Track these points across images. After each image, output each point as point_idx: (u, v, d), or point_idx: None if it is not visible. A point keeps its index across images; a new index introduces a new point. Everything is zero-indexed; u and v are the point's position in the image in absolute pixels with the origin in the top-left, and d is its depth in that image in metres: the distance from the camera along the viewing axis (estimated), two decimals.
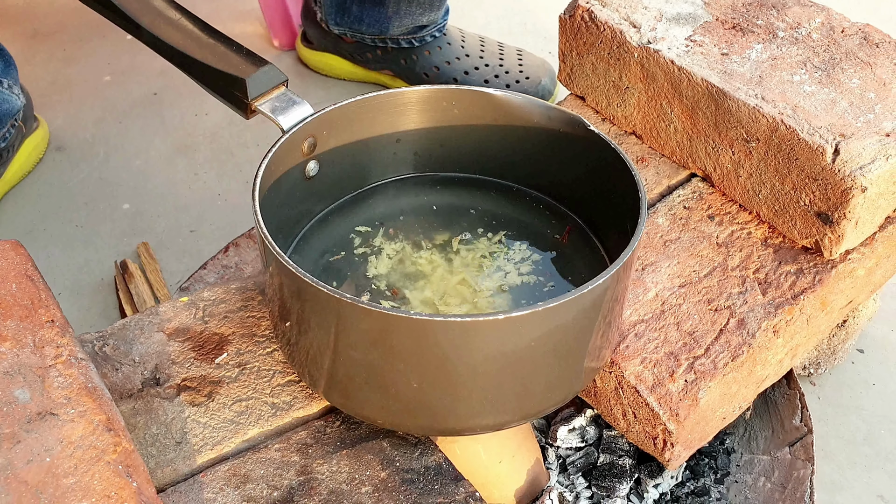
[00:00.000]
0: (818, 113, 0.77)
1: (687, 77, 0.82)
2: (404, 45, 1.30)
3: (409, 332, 0.57)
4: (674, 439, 0.73)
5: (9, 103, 1.05)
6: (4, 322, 0.56)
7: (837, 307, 0.84)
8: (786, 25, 0.86)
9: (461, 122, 0.78)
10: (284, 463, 0.65)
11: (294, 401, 0.70)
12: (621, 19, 0.88)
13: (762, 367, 0.78)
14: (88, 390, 0.53)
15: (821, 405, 0.97)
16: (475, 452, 0.76)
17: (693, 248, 0.82)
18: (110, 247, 1.14)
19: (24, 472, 0.48)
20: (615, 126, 0.94)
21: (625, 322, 0.76)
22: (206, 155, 1.28)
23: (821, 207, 0.77)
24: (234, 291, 0.78)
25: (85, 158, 1.27)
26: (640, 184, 0.66)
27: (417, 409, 0.63)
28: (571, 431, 0.86)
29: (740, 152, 0.81)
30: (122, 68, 1.43)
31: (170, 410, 0.68)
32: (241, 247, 1.01)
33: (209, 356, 0.72)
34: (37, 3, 1.57)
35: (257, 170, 0.66)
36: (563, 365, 0.65)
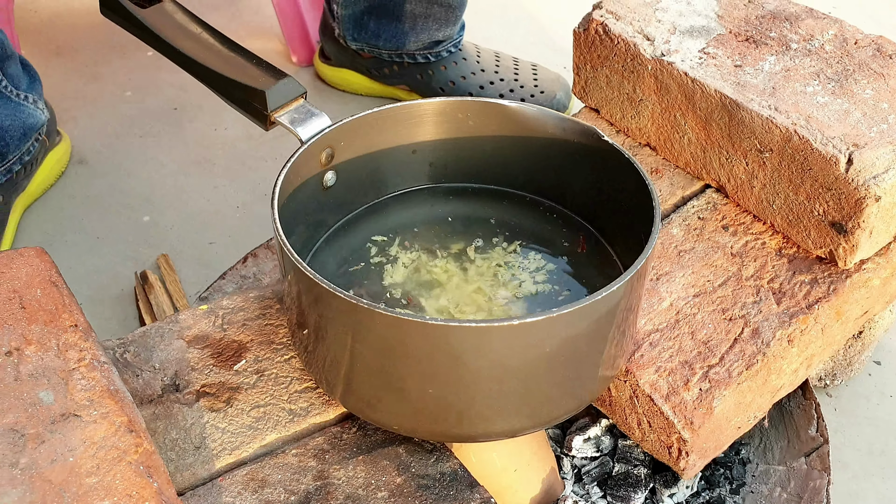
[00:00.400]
0: (831, 123, 0.78)
1: (700, 88, 0.83)
2: (420, 59, 1.32)
3: (424, 337, 0.58)
4: (688, 448, 0.74)
5: (34, 118, 1.08)
6: (29, 326, 0.58)
7: (853, 317, 0.84)
8: (799, 38, 0.87)
9: (476, 134, 0.79)
10: (302, 468, 0.66)
11: (311, 407, 0.71)
12: (635, 32, 0.89)
13: (777, 376, 0.78)
14: (111, 393, 0.55)
15: (837, 416, 0.97)
16: (490, 460, 0.76)
17: (707, 258, 0.83)
18: (130, 258, 1.15)
19: (49, 471, 0.49)
20: (629, 138, 0.94)
21: (639, 331, 0.77)
22: (225, 168, 1.30)
23: (835, 217, 0.77)
24: (252, 300, 0.79)
25: (106, 172, 1.29)
26: (653, 192, 0.67)
27: (432, 414, 0.64)
28: (586, 441, 0.86)
29: (754, 163, 0.82)
30: (142, 84, 1.46)
31: (189, 416, 0.69)
32: (260, 257, 1.02)
33: (228, 363, 0.73)
34: (60, 19, 1.60)
35: (276, 179, 0.67)
36: (577, 372, 0.65)
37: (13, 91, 1.05)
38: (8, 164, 1.08)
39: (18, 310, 0.58)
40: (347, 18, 1.31)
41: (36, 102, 1.10)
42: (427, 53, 1.31)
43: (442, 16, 1.27)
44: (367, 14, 1.29)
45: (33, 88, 1.10)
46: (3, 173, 1.09)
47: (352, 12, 1.29)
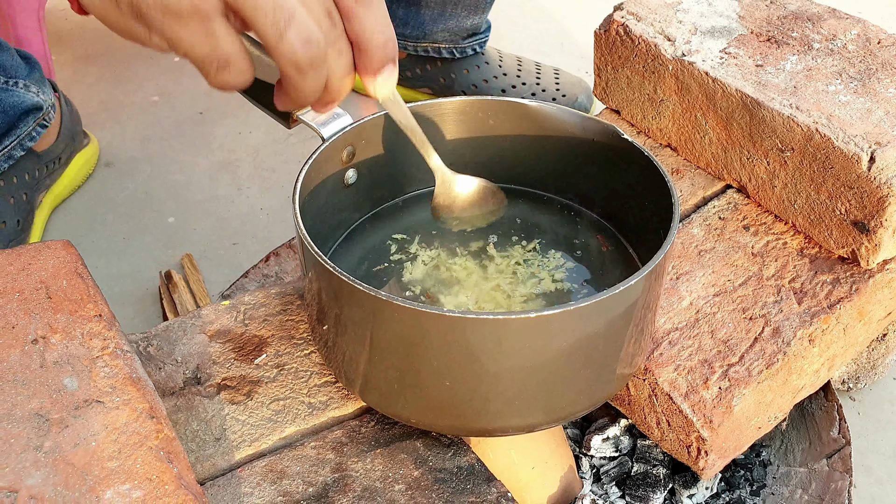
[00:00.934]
0: (853, 122, 0.77)
1: (721, 88, 0.83)
2: (445, 54, 1.32)
3: (441, 330, 0.59)
4: (708, 447, 0.73)
5: (17, 97, 1.09)
6: (55, 315, 0.59)
7: (875, 318, 0.83)
8: (821, 37, 0.87)
9: (496, 133, 0.80)
10: (320, 460, 0.67)
11: (330, 401, 0.71)
12: (656, 33, 0.89)
13: (798, 376, 0.78)
14: (133, 380, 0.55)
15: (860, 420, 0.96)
16: (508, 457, 0.76)
17: (728, 257, 0.82)
18: (155, 258, 1.17)
19: (72, 454, 0.50)
20: (650, 139, 0.94)
21: (659, 330, 0.77)
22: (249, 171, 1.31)
23: (857, 216, 0.77)
24: (273, 296, 0.80)
25: (132, 174, 1.31)
26: (672, 189, 0.67)
27: (449, 408, 0.64)
28: (605, 441, 0.86)
29: (775, 162, 0.82)
30: (169, 89, 1.48)
31: (210, 408, 0.69)
32: (282, 256, 1.03)
33: (249, 357, 0.74)
34: (88, 26, 1.63)
35: (298, 175, 0.68)
36: (595, 368, 0.65)
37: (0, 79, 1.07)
38: (7, 148, 1.10)
39: (45, 299, 0.60)
40: None
41: (28, 87, 1.11)
42: (452, 48, 1.31)
43: (471, 2, 1.28)
44: (396, 2, 1.29)
45: (30, 76, 1.12)
46: (4, 158, 1.10)
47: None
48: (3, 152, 1.09)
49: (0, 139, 1.08)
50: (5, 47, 1.08)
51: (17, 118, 1.10)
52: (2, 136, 1.09)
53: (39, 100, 1.12)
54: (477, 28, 1.31)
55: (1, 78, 1.07)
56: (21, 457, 0.50)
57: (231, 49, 0.51)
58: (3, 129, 1.08)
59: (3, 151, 1.09)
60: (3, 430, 0.51)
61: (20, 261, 0.63)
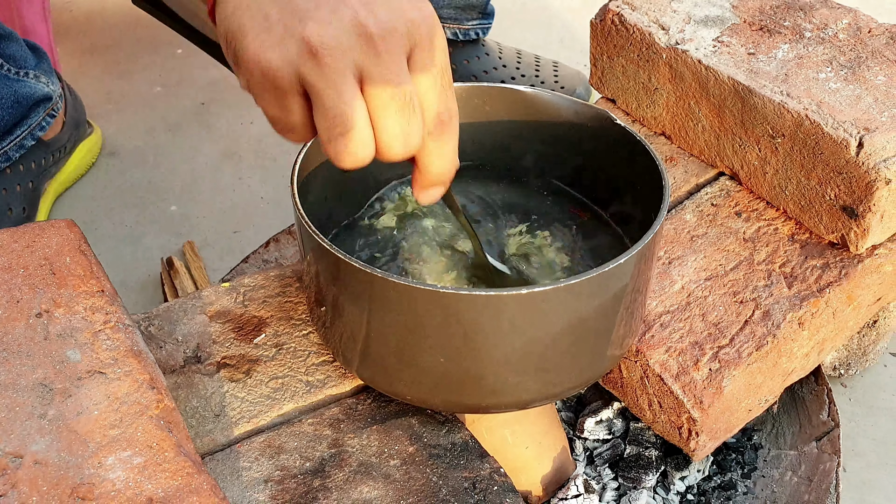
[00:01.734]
0: (843, 108, 0.78)
1: (714, 76, 0.84)
2: (449, 35, 1.32)
3: (435, 306, 0.60)
4: (698, 428, 0.75)
5: (28, 87, 1.11)
6: (59, 290, 0.60)
7: (865, 303, 0.84)
8: (813, 26, 0.88)
9: (493, 118, 0.81)
10: (317, 436, 0.68)
11: (328, 379, 0.73)
12: (650, 22, 0.90)
13: (788, 359, 0.79)
14: (134, 353, 0.57)
15: (851, 406, 0.97)
16: (502, 437, 0.78)
17: (720, 242, 0.84)
18: (157, 246, 1.19)
19: (75, 422, 0.52)
20: (645, 127, 0.96)
21: (651, 313, 0.78)
22: (251, 161, 1.33)
23: (846, 201, 0.78)
24: (273, 278, 0.81)
25: (136, 163, 1.33)
26: (662, 170, 0.68)
27: (444, 384, 0.65)
28: (598, 423, 0.87)
29: (766, 149, 0.83)
30: (172, 80, 1.50)
31: (210, 385, 0.71)
32: (281, 242, 1.04)
33: (248, 337, 0.75)
34: (94, 20, 1.65)
35: (296, 157, 0.69)
36: (586, 346, 0.67)
37: (10, 69, 1.09)
38: (18, 138, 1.11)
39: (49, 275, 0.61)
40: None
41: (38, 77, 1.13)
42: (456, 29, 1.32)
43: None
44: None
45: (38, 66, 1.14)
46: (16, 148, 1.12)
47: None
48: (15, 142, 1.11)
49: (12, 129, 1.10)
50: (14, 38, 1.10)
51: (29, 108, 1.12)
52: (14, 125, 1.10)
53: (49, 90, 1.14)
54: (482, 6, 1.32)
55: (12, 68, 1.09)
56: (26, 424, 0.52)
57: (297, 121, 0.52)
58: (15, 119, 1.10)
59: (14, 141, 1.11)
60: (8, 398, 0.53)
61: (25, 238, 0.64)
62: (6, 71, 1.09)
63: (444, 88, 0.54)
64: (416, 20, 0.51)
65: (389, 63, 0.50)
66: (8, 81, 1.09)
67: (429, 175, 0.57)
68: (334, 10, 0.49)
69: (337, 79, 0.49)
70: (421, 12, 0.52)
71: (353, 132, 0.51)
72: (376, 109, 0.51)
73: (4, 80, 1.08)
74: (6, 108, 1.08)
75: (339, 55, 0.49)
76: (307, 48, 0.49)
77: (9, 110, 1.09)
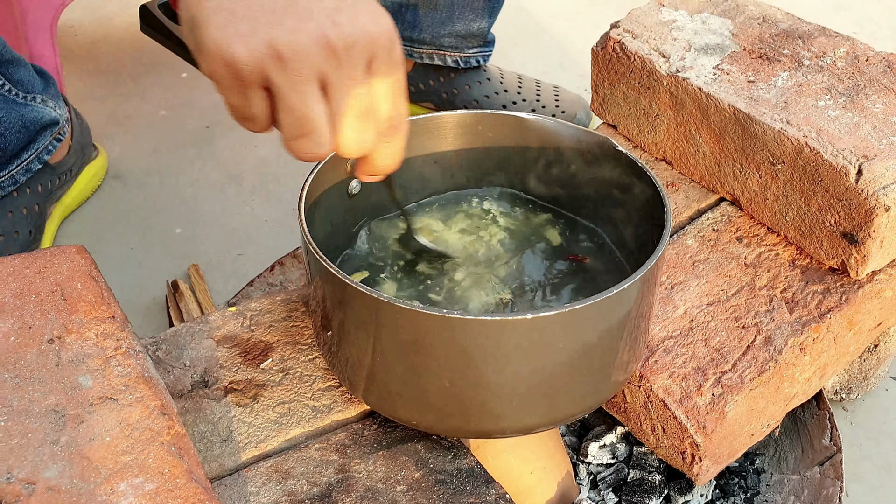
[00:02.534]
0: (842, 136, 0.80)
1: (714, 103, 0.86)
2: (450, 62, 1.34)
3: (440, 330, 0.61)
4: (701, 453, 0.75)
5: (36, 112, 1.12)
6: (70, 316, 0.61)
7: (866, 328, 0.85)
8: (811, 55, 0.90)
9: (495, 145, 0.82)
10: (324, 461, 0.69)
11: (334, 404, 0.73)
12: (651, 50, 0.92)
13: (790, 384, 0.80)
14: (145, 379, 0.58)
15: (853, 430, 0.98)
16: (506, 461, 0.78)
17: (721, 268, 0.85)
18: (162, 268, 1.19)
19: (87, 448, 0.52)
20: (646, 153, 0.97)
21: (654, 338, 0.79)
22: (255, 184, 1.34)
23: (846, 227, 0.79)
24: (279, 303, 0.82)
25: (141, 186, 1.34)
26: (664, 197, 0.69)
27: (449, 409, 0.66)
28: (602, 448, 0.88)
29: (767, 175, 0.84)
30: (176, 103, 1.51)
31: (217, 410, 0.72)
32: (286, 266, 1.05)
33: (255, 361, 0.76)
34: (98, 43, 1.67)
35: (304, 183, 0.71)
36: (590, 371, 0.67)
37: (17, 94, 1.10)
38: (25, 162, 1.13)
39: (60, 301, 0.62)
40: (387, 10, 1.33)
41: (45, 102, 1.14)
42: (457, 57, 1.33)
43: (479, 5, 1.30)
44: (406, 5, 1.31)
45: (46, 90, 1.15)
46: (23, 171, 1.13)
47: (390, 4, 1.32)
48: (22, 166, 1.12)
49: (19, 153, 1.11)
50: (22, 63, 1.11)
51: (36, 133, 1.13)
52: (21, 149, 1.12)
53: (56, 114, 1.15)
54: (483, 35, 1.33)
55: (20, 93, 1.10)
56: (39, 450, 0.52)
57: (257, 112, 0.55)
58: (22, 143, 1.11)
59: (21, 165, 1.12)
60: (21, 424, 0.54)
61: (36, 264, 0.65)
62: (14, 95, 1.10)
63: (398, 95, 0.58)
64: (376, 34, 0.55)
65: (351, 73, 0.54)
66: (16, 106, 1.10)
67: (374, 167, 0.62)
68: (301, 20, 0.53)
69: (302, 84, 0.53)
70: (380, 27, 0.55)
71: (315, 134, 0.54)
72: (336, 114, 0.55)
73: (12, 105, 1.09)
74: (14, 132, 1.09)
75: (304, 62, 0.53)
76: (274, 51, 0.52)
77: (16, 135, 1.10)
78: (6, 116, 1.08)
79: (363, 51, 0.54)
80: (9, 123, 1.08)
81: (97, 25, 1.71)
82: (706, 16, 0.95)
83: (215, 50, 0.53)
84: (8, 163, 1.11)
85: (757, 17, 0.95)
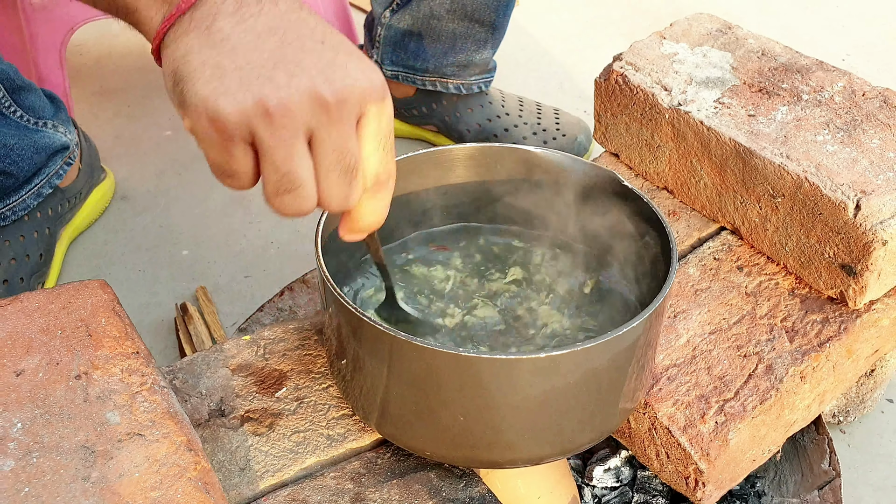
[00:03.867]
0: (840, 171, 0.82)
1: (716, 136, 0.88)
2: (452, 89, 1.36)
3: (455, 368, 0.63)
4: (705, 479, 0.77)
5: (47, 138, 1.14)
6: (96, 352, 0.63)
7: (864, 356, 0.87)
8: (809, 89, 0.92)
9: (503, 177, 0.84)
10: (339, 490, 0.70)
11: (348, 433, 0.75)
12: (653, 83, 0.94)
13: (790, 411, 0.82)
14: (171, 414, 0.59)
15: (850, 452, 1.00)
16: (514, 487, 0.80)
17: (723, 296, 0.87)
18: (170, 290, 1.21)
19: (117, 484, 0.54)
20: (648, 182, 0.99)
21: (658, 366, 0.81)
22: (261, 205, 1.36)
23: (844, 259, 0.81)
24: (291, 331, 0.84)
25: (147, 208, 1.35)
26: (670, 235, 0.72)
27: (462, 441, 0.68)
28: (607, 471, 0.90)
29: (767, 207, 0.87)
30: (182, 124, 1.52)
31: (234, 439, 0.73)
32: (296, 291, 1.07)
33: (270, 390, 0.78)
34: (105, 62, 1.69)
35: (319, 217, 0.72)
36: (599, 404, 0.69)
37: (29, 119, 1.12)
38: (36, 187, 1.14)
39: (85, 337, 0.64)
40: (388, 40, 1.35)
41: (56, 127, 1.16)
42: (460, 84, 1.36)
43: (481, 36, 1.32)
44: (409, 35, 1.34)
45: (56, 116, 1.17)
46: (34, 196, 1.14)
47: (394, 33, 1.34)
48: (33, 190, 1.13)
49: (31, 178, 1.13)
50: (33, 88, 1.13)
51: (48, 158, 1.15)
52: (33, 174, 1.13)
53: (66, 139, 1.17)
54: (485, 64, 1.36)
55: (31, 119, 1.12)
56: (70, 486, 0.54)
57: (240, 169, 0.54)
58: (34, 169, 1.13)
59: (33, 189, 1.13)
60: (52, 461, 0.55)
61: (61, 299, 0.67)
62: (25, 122, 1.12)
63: (387, 152, 0.57)
64: (368, 90, 0.54)
65: (340, 129, 0.53)
66: (27, 132, 1.12)
67: (358, 224, 0.60)
68: (292, 75, 0.52)
69: (289, 140, 0.52)
70: (372, 82, 0.55)
71: (300, 189, 0.53)
72: (322, 171, 0.54)
73: (24, 131, 1.11)
74: (26, 158, 1.11)
75: (293, 118, 0.51)
76: (262, 108, 0.51)
77: (28, 160, 1.12)
78: (18, 143, 1.10)
79: (354, 107, 0.53)
80: (21, 150, 1.10)
81: (102, 44, 1.73)
82: (707, 49, 0.98)
83: (200, 105, 0.51)
84: (20, 188, 1.13)
85: (756, 51, 0.97)
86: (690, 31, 1.01)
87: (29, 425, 0.58)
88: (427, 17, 1.30)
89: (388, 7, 1.33)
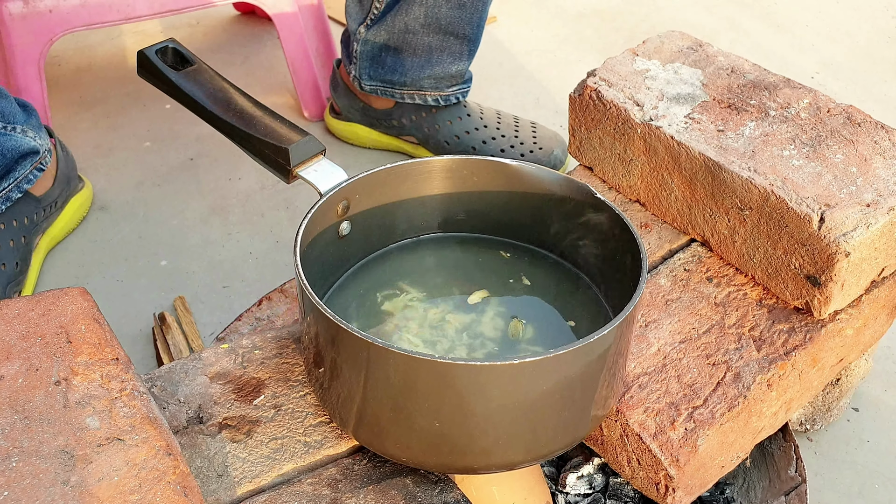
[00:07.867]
0: (805, 185, 0.85)
1: (686, 151, 0.90)
2: (431, 101, 1.38)
3: (431, 374, 0.64)
4: (675, 484, 0.79)
5: (15, 141, 1.14)
6: (76, 359, 0.64)
7: (829, 364, 0.90)
8: (777, 105, 0.95)
9: (480, 189, 0.86)
10: (316, 496, 0.71)
11: (325, 440, 0.76)
12: (626, 98, 0.96)
13: (758, 418, 0.84)
14: (150, 419, 0.60)
15: (817, 460, 1.02)
16: (489, 493, 0.81)
17: (693, 307, 0.89)
18: (148, 300, 1.21)
19: (96, 488, 0.55)
20: (621, 194, 1.02)
21: (629, 374, 0.83)
22: (239, 216, 1.37)
23: (809, 271, 0.84)
24: (269, 340, 0.85)
25: (126, 218, 1.36)
26: (641, 246, 0.74)
27: (438, 446, 0.69)
28: (580, 478, 0.91)
29: (735, 220, 0.89)
30: (161, 135, 1.53)
31: (212, 446, 0.74)
32: (274, 300, 1.08)
33: (248, 398, 0.79)
34: (82, 74, 1.69)
35: (298, 228, 0.74)
36: (571, 410, 0.71)
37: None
38: (4, 190, 1.15)
39: (65, 344, 0.64)
40: (365, 56, 1.37)
41: (25, 132, 1.17)
42: (437, 96, 1.38)
43: (457, 49, 1.34)
44: (385, 50, 1.36)
45: (27, 122, 1.18)
46: (2, 200, 1.15)
47: (370, 48, 1.36)
48: (2, 194, 1.14)
49: None
50: (4, 95, 1.14)
51: (15, 161, 1.15)
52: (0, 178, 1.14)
53: (36, 144, 1.17)
54: (461, 75, 1.38)
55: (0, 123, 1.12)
56: (49, 490, 0.55)
57: None
58: (1, 172, 1.13)
59: (1, 193, 1.14)
60: (32, 465, 0.56)
61: (40, 307, 0.68)
62: None
63: None
64: None
65: None
66: None
67: None
68: None
69: None
70: None
71: None
72: None
73: None
74: None
75: None
76: None
77: None
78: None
79: None
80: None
81: (81, 55, 1.73)
82: (678, 66, 1.01)
83: None
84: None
85: (726, 68, 1.00)
86: (662, 49, 1.03)
87: (8, 430, 0.58)
88: (402, 32, 1.32)
89: (362, 23, 1.35)
